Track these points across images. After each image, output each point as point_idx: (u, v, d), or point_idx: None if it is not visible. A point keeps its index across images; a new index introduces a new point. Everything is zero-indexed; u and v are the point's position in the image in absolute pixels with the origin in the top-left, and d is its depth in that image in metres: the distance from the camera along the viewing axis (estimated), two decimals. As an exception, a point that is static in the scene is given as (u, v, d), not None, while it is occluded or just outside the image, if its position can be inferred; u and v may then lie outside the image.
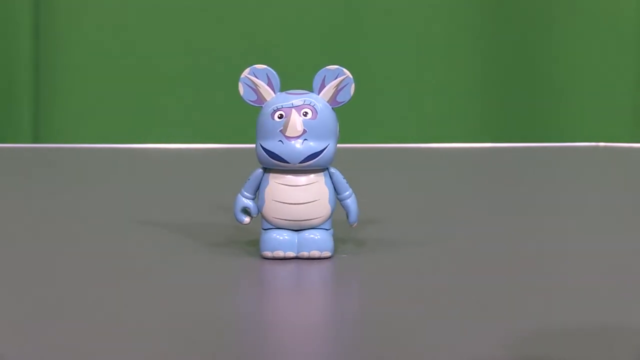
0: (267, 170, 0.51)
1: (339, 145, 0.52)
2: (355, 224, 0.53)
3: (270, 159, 0.50)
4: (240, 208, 0.52)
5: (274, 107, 0.50)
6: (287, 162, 0.50)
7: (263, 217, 0.51)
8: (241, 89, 0.51)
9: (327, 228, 0.51)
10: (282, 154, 0.50)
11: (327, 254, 0.51)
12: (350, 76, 0.52)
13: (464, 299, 0.45)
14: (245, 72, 0.51)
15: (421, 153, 0.99)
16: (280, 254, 0.51)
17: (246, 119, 0.53)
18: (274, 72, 0.51)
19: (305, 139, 0.50)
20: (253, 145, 0.52)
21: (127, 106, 1.11)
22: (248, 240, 0.55)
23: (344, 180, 0.52)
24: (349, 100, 0.52)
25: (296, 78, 0.53)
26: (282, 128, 0.50)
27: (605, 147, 1.01)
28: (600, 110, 1.12)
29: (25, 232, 0.58)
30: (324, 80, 0.51)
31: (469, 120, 1.12)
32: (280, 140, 0.50)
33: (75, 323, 0.41)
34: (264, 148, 0.50)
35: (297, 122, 0.50)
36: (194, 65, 1.11)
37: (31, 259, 0.52)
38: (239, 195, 0.52)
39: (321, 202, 0.51)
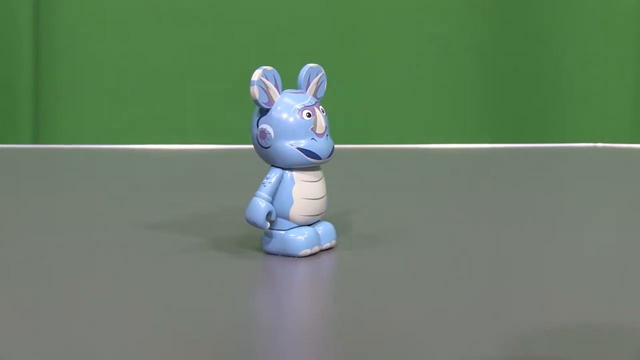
0: (285, 169, 0.51)
1: (339, 145, 0.53)
2: None
3: (306, 158, 0.51)
4: (265, 213, 0.51)
5: (299, 106, 0.51)
6: (320, 158, 0.51)
7: (288, 217, 0.51)
8: (256, 92, 0.50)
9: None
10: (317, 150, 0.51)
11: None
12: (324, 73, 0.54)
13: (463, 298, 0.45)
14: (258, 75, 0.50)
15: (421, 153, 0.99)
16: (317, 249, 0.52)
17: (246, 120, 0.52)
18: (278, 73, 0.52)
19: (327, 135, 0.52)
20: (251, 146, 0.52)
21: (127, 107, 1.11)
22: (247, 237, 0.55)
23: None
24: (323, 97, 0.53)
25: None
26: (313, 126, 0.51)
27: (604, 147, 1.01)
28: (599, 110, 1.12)
29: (25, 232, 0.58)
30: (309, 78, 0.52)
31: (469, 120, 1.13)
32: (313, 138, 0.51)
33: (76, 323, 0.41)
34: (297, 147, 0.50)
35: (322, 119, 0.51)
36: (194, 66, 1.11)
37: (31, 259, 0.52)
38: (258, 200, 0.51)
39: (327, 194, 0.53)
